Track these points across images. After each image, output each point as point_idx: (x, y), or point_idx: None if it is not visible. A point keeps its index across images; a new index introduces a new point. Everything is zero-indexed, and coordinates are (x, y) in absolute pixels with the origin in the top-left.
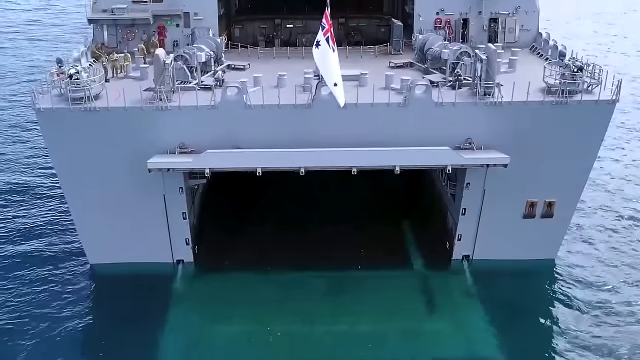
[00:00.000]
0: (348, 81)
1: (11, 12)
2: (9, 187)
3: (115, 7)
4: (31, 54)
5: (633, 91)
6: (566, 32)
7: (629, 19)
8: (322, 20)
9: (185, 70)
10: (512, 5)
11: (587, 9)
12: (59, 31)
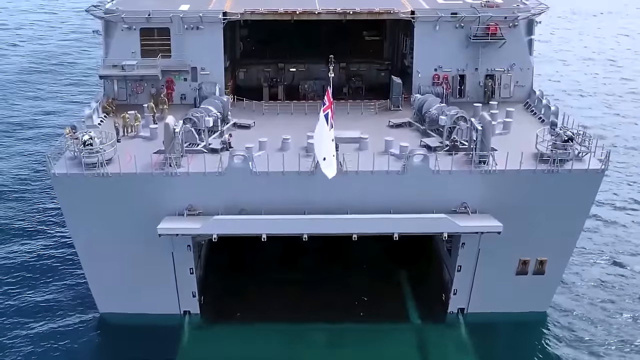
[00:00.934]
0: (349, 143)
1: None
2: (19, 233)
3: (126, 64)
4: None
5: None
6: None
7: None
8: (324, 97)
9: (194, 133)
10: (508, 62)
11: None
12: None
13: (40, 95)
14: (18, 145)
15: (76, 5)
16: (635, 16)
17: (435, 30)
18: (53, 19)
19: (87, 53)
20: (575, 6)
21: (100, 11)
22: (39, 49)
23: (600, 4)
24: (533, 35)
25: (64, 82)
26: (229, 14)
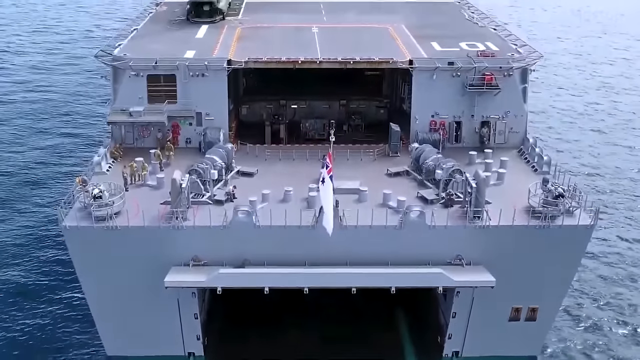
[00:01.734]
0: (349, 194)
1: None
2: (24, 281)
3: (133, 110)
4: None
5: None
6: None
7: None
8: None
9: (199, 184)
10: (502, 110)
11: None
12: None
13: (51, 136)
14: (28, 187)
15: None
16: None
17: (432, 79)
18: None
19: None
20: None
21: (108, 57)
22: (50, 91)
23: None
24: (527, 84)
25: (73, 125)
26: (234, 62)
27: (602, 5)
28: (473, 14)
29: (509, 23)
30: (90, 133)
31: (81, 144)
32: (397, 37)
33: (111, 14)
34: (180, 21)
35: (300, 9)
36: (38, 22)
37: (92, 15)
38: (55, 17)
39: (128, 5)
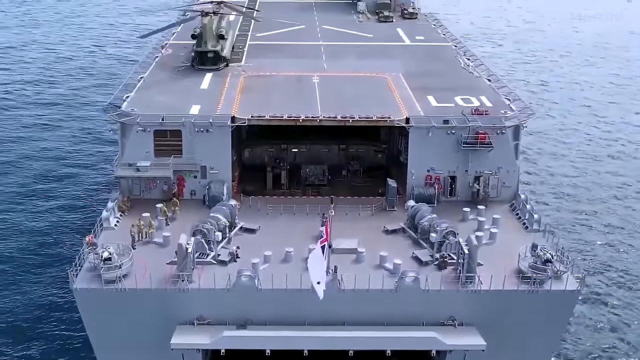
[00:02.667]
0: (346, 254)
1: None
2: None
3: (140, 165)
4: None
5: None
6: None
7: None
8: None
9: (204, 244)
10: (495, 165)
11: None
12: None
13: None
14: (37, 239)
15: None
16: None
17: (428, 136)
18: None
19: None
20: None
21: (116, 113)
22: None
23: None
24: (519, 140)
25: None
26: (237, 119)
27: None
28: (469, 61)
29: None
30: (101, 180)
31: (90, 195)
32: (394, 89)
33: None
34: (185, 68)
35: (302, 53)
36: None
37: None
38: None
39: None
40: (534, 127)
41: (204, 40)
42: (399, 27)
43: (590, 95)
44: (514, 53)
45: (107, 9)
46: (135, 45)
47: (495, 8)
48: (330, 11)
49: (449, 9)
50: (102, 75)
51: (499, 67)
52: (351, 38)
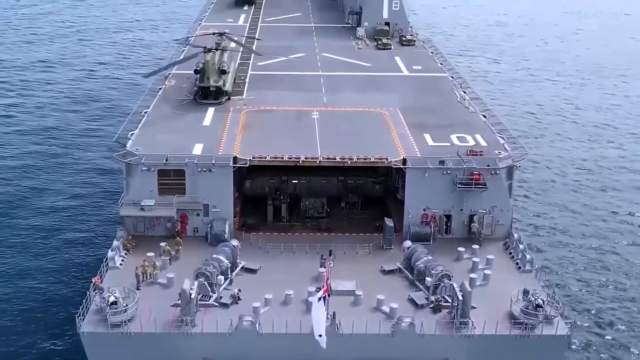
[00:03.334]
0: (344, 295)
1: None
2: None
3: (145, 205)
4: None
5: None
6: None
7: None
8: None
9: (207, 286)
10: (489, 205)
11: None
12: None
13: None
14: (44, 276)
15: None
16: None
17: (424, 176)
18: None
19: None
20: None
21: (122, 152)
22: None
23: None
24: (512, 180)
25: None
26: (239, 160)
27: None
28: (465, 94)
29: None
30: (105, 216)
31: (95, 232)
32: (392, 126)
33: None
34: (188, 102)
35: (302, 84)
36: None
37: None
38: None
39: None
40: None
41: (206, 76)
42: (397, 56)
43: (585, 121)
44: (510, 71)
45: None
46: (140, 73)
47: (493, 20)
48: (330, 36)
49: (446, 22)
50: (107, 104)
51: (494, 86)
52: (350, 67)
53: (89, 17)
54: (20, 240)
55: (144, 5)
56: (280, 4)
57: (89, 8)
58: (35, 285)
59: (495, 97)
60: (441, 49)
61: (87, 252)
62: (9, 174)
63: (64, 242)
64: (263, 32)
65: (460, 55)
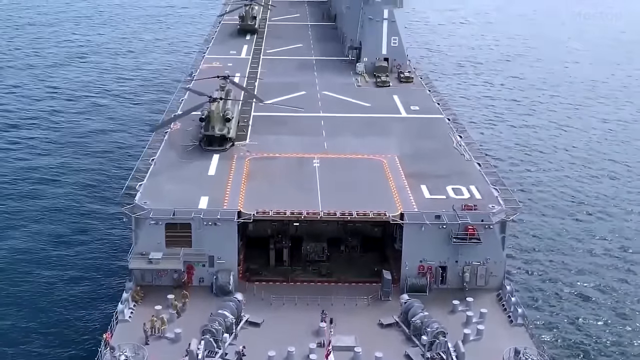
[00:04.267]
0: (344, 351)
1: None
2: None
3: (153, 258)
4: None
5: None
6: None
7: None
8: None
9: (212, 343)
10: (483, 256)
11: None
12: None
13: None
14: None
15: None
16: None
17: (421, 230)
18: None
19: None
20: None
21: (130, 205)
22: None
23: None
24: (505, 233)
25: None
26: (243, 214)
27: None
28: (460, 138)
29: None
30: (115, 266)
31: (104, 283)
32: (390, 176)
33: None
34: (193, 148)
35: (303, 128)
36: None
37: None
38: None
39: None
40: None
41: (211, 125)
42: (396, 94)
43: (579, 162)
44: (505, 98)
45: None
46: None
47: (489, 38)
48: (331, 71)
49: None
50: (113, 145)
51: (489, 110)
52: (350, 108)
53: (88, 45)
54: (29, 297)
55: (150, 30)
56: (281, 33)
57: (91, 30)
58: (47, 341)
59: (489, 123)
60: (438, 85)
61: (95, 305)
62: (15, 222)
63: (74, 294)
64: (265, 65)
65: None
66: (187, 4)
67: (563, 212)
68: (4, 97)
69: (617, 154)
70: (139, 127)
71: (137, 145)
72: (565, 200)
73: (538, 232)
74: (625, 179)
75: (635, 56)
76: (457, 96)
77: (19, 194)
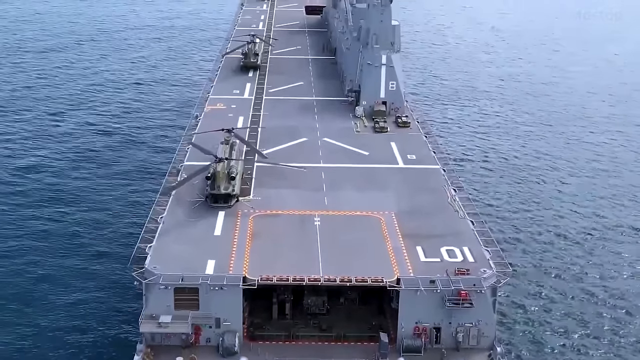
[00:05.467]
0: None
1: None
2: None
3: (162, 322)
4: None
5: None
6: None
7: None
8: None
9: None
10: (475, 318)
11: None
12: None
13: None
14: None
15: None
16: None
17: (416, 294)
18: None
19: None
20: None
21: (141, 270)
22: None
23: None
24: (496, 297)
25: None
26: (248, 279)
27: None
28: (455, 192)
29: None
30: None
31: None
32: (387, 237)
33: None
34: (199, 205)
35: (304, 183)
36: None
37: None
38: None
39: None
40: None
41: (217, 184)
42: (393, 141)
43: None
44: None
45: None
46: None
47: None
48: (331, 114)
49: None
50: (121, 201)
51: (482, 142)
52: (350, 157)
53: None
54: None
55: (152, 67)
56: (282, 69)
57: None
58: None
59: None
60: (433, 121)
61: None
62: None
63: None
64: (268, 106)
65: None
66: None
67: (556, 269)
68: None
69: (621, 213)
70: (145, 178)
71: (143, 199)
72: (556, 256)
73: (531, 290)
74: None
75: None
76: (451, 132)
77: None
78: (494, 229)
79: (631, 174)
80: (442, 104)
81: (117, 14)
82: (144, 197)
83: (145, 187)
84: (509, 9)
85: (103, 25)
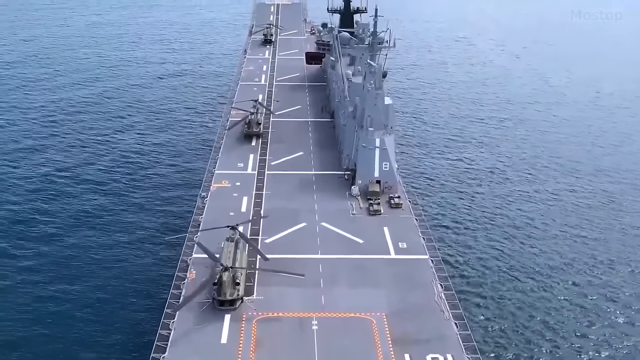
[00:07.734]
0: None
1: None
2: None
3: None
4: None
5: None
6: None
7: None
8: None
9: None
10: None
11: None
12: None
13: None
14: None
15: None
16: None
17: None
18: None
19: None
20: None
21: None
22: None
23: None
24: None
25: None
26: None
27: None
28: (442, 288)
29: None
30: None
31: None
32: (377, 342)
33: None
34: (207, 307)
35: (304, 278)
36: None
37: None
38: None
39: None
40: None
41: (223, 291)
42: (386, 225)
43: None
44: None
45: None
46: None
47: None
48: (328, 193)
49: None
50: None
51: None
52: (345, 245)
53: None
54: None
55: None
56: (283, 137)
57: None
58: None
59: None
60: (426, 208)
61: None
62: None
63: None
64: (269, 183)
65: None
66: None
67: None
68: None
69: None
70: (151, 287)
71: (152, 305)
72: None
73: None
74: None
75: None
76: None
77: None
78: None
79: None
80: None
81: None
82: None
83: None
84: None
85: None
